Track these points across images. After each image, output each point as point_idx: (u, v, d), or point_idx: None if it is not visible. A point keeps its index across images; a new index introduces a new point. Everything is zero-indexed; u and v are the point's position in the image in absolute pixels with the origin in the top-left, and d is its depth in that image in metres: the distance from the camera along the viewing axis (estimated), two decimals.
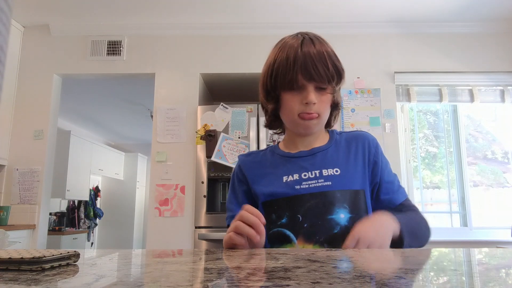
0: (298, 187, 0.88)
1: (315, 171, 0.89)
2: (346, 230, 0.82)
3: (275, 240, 0.87)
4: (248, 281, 0.39)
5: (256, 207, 0.89)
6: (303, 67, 0.85)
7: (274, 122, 0.97)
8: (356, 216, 0.86)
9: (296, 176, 0.89)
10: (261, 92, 0.96)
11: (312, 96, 0.85)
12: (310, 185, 0.87)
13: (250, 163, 0.98)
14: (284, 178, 0.90)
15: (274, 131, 1.02)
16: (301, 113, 0.87)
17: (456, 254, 0.71)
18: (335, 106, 0.95)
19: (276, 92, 0.90)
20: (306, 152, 0.93)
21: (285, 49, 0.89)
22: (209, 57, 3.38)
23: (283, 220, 0.87)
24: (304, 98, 0.86)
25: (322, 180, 0.87)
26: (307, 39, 0.89)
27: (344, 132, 1.00)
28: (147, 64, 3.37)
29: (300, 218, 0.86)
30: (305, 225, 0.85)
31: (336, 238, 0.83)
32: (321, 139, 0.96)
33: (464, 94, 3.35)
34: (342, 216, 0.85)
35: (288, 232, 0.86)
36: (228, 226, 0.92)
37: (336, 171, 0.89)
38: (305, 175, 0.89)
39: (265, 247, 0.88)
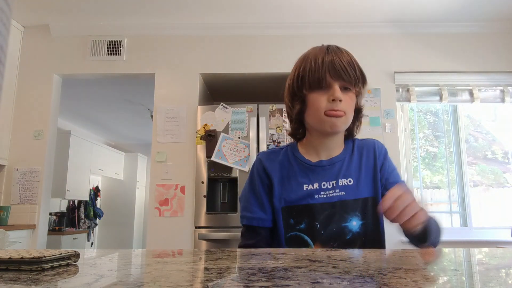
0: (317, 196, 0.92)
1: (332, 182, 0.94)
2: (357, 236, 0.91)
3: (293, 242, 0.92)
4: (248, 281, 0.39)
5: (274, 208, 0.95)
6: (331, 66, 0.88)
7: (298, 129, 0.99)
8: (367, 222, 0.92)
9: (316, 186, 0.93)
10: (287, 96, 0.98)
11: (339, 92, 0.88)
12: (328, 195, 0.92)
13: (273, 163, 0.99)
14: (305, 186, 0.94)
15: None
16: (327, 111, 0.88)
17: (456, 254, 0.71)
18: (358, 112, 0.97)
19: (303, 93, 0.92)
20: (326, 162, 0.96)
21: (312, 54, 0.93)
22: (209, 57, 3.38)
23: (302, 226, 0.92)
24: (331, 95, 0.88)
25: (338, 190, 0.92)
26: (332, 46, 0.94)
27: (356, 139, 1.02)
28: (147, 64, 3.37)
29: (318, 225, 0.91)
30: (322, 232, 0.90)
31: (349, 244, 0.90)
32: (339, 146, 0.99)
33: (464, 94, 3.35)
34: (354, 223, 0.91)
35: (306, 237, 0.91)
36: (244, 225, 0.97)
37: (350, 181, 0.94)
38: (323, 185, 0.93)
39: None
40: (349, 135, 1.01)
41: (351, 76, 0.89)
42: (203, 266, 0.53)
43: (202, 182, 2.94)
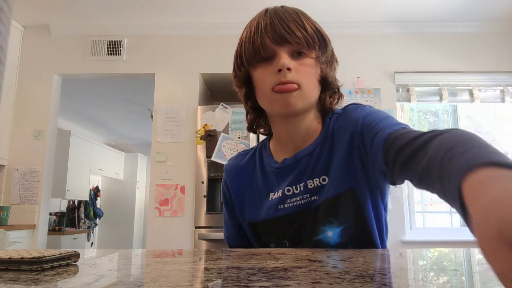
0: (281, 206, 0.74)
1: (300, 185, 0.73)
2: (340, 247, 0.70)
3: None
4: (248, 281, 0.39)
5: (243, 224, 0.82)
6: (270, 27, 0.69)
7: (255, 120, 0.81)
8: (349, 225, 0.70)
9: (279, 193, 0.75)
10: (233, 80, 0.81)
11: (285, 59, 0.68)
12: (295, 203, 0.73)
13: (235, 171, 0.85)
14: (270, 195, 0.77)
15: (262, 132, 0.85)
16: (275, 86, 0.68)
17: (456, 254, 0.71)
18: (326, 83, 0.74)
19: (245, 71, 0.75)
20: (290, 161, 0.75)
21: (249, 23, 0.76)
22: (209, 57, 3.38)
23: (272, 245, 0.76)
24: (276, 64, 0.68)
25: (308, 195, 0.72)
26: (275, 7, 0.75)
27: (335, 113, 0.78)
28: (147, 64, 3.37)
29: (287, 243, 0.74)
30: None
31: None
32: (311, 133, 0.76)
33: (464, 94, 3.35)
34: (329, 233, 0.70)
35: None
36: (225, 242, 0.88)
37: (324, 180, 0.72)
38: (288, 191, 0.74)
39: None
40: (324, 111, 0.77)
41: (300, 36, 0.68)
42: (203, 266, 0.53)
43: (202, 182, 2.94)
